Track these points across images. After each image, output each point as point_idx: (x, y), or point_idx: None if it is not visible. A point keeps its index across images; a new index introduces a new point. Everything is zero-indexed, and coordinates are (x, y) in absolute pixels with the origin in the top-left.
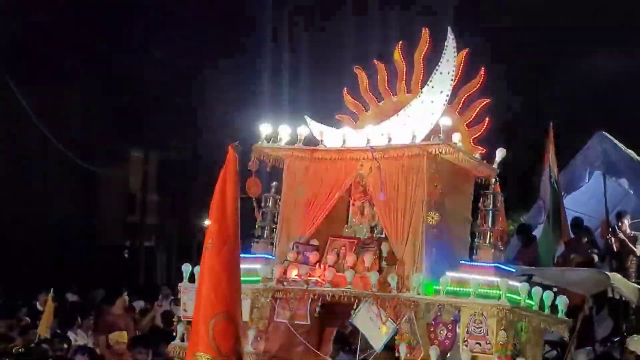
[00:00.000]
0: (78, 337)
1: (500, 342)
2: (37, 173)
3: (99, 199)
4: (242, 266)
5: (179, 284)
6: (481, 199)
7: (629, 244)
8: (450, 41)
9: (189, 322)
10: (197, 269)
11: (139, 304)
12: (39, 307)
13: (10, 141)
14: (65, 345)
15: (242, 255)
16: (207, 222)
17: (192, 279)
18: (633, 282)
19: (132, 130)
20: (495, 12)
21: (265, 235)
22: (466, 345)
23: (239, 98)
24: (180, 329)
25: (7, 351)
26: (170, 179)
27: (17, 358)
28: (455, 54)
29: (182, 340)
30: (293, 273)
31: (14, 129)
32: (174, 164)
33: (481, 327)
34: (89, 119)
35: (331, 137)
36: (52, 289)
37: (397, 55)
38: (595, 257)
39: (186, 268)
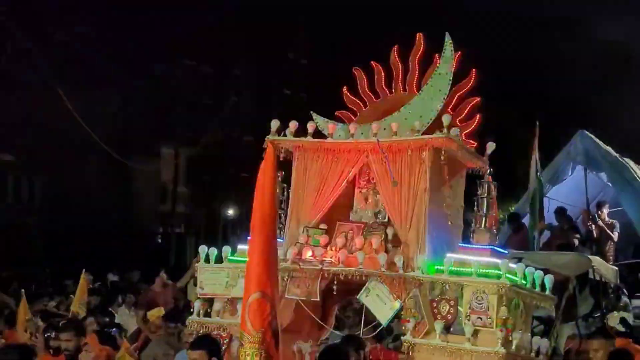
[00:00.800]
0: (119, 313)
1: (502, 317)
2: (80, 167)
3: (134, 191)
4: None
5: (196, 264)
6: (478, 188)
7: (608, 230)
8: (448, 45)
9: (205, 300)
10: (212, 251)
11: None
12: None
13: (57, 139)
14: (107, 319)
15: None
16: (230, 211)
17: (207, 259)
18: (611, 265)
19: (163, 128)
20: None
21: None
22: (469, 320)
23: (257, 99)
24: (197, 305)
25: (54, 325)
26: (198, 172)
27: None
28: (453, 56)
29: (198, 315)
30: (307, 254)
31: (60, 128)
32: (201, 158)
33: (482, 303)
34: (126, 118)
35: (338, 130)
36: (83, 270)
37: (394, 57)
38: (576, 241)
39: (203, 249)
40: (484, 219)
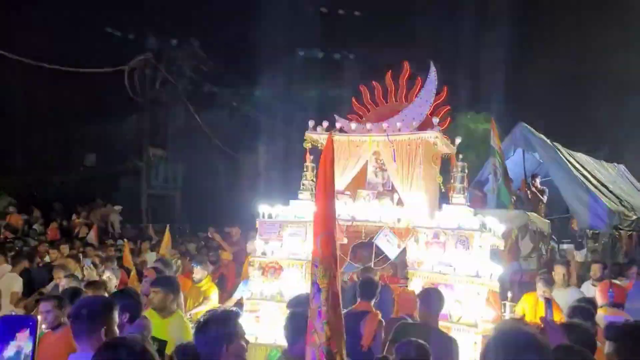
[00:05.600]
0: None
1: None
2: (206, 158)
3: (240, 174)
4: (295, 208)
5: (257, 219)
6: (454, 168)
7: (539, 194)
8: (432, 68)
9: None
10: (267, 209)
11: None
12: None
13: (190, 140)
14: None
15: (292, 200)
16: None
17: (264, 216)
18: (543, 219)
19: (257, 134)
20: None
21: (307, 188)
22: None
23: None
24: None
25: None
26: (278, 163)
27: None
28: (436, 77)
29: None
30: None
31: (193, 136)
32: (281, 153)
33: (465, 243)
34: (236, 128)
35: (355, 128)
36: (167, 226)
37: (388, 79)
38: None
39: (262, 209)
40: (458, 187)
